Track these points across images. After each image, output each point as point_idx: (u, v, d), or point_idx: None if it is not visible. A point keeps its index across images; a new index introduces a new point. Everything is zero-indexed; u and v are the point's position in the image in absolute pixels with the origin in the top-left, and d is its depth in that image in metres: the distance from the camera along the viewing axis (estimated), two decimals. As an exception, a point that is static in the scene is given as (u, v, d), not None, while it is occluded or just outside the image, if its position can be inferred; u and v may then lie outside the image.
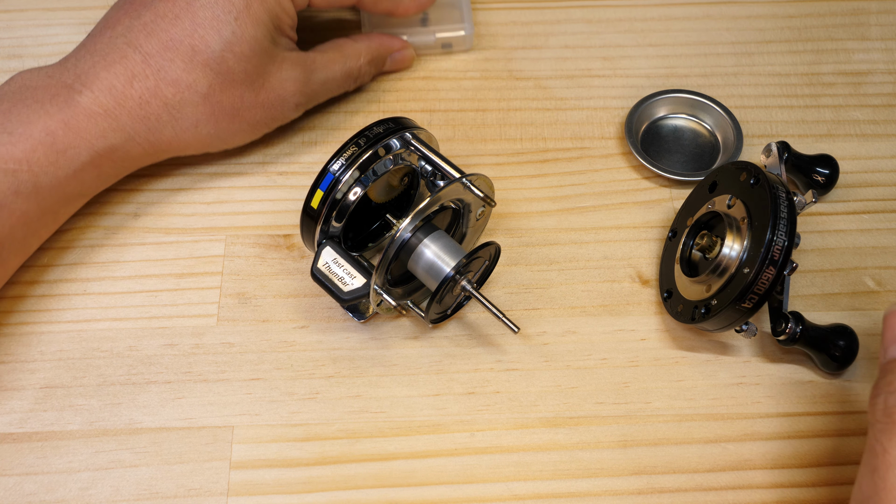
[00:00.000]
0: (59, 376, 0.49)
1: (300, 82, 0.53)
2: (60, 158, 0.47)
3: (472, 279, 0.48)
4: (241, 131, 0.53)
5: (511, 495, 0.46)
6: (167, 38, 0.48)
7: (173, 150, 0.52)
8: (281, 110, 0.53)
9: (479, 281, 0.49)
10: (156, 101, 0.49)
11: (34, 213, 0.47)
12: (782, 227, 0.45)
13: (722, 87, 0.60)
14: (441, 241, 0.47)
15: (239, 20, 0.49)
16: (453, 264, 0.46)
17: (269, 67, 0.51)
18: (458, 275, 0.46)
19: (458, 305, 0.49)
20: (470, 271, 0.48)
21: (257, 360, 0.49)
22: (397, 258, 0.47)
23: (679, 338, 0.51)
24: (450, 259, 0.46)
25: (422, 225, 0.47)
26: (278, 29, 0.51)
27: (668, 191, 0.55)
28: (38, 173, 0.46)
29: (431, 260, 0.47)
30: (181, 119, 0.50)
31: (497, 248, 0.48)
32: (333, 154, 0.47)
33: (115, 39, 0.49)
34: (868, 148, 0.57)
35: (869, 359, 0.50)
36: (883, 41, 0.62)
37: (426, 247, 0.47)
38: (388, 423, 0.48)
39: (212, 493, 0.46)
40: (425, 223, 0.47)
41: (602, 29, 0.62)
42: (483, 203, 0.48)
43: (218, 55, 0.49)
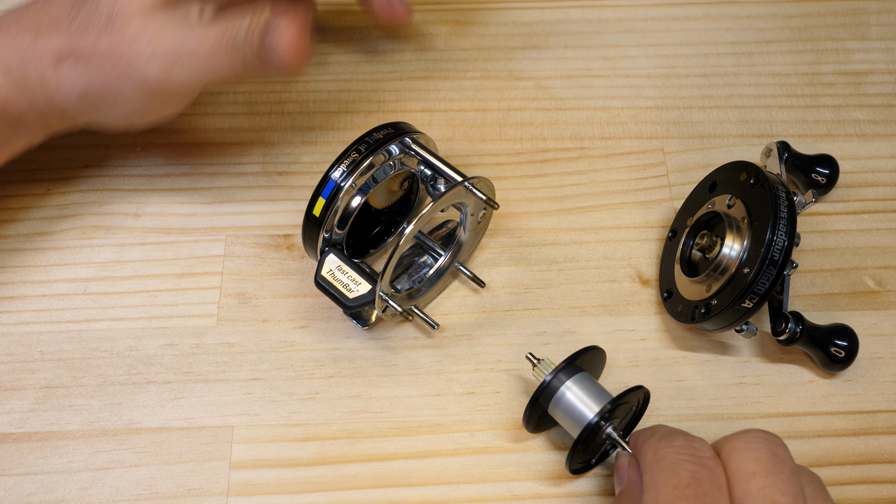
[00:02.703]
0: (59, 376, 0.49)
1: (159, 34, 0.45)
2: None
3: (618, 426, 0.44)
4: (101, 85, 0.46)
5: (511, 495, 0.46)
6: None
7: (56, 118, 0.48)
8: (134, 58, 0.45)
9: (625, 428, 0.46)
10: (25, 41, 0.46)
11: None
12: (782, 227, 0.45)
13: (722, 87, 0.60)
14: (585, 384, 0.44)
15: None
16: (597, 409, 0.43)
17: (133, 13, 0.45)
18: (603, 421, 0.43)
19: (604, 454, 0.46)
20: (616, 417, 0.44)
21: (257, 360, 0.49)
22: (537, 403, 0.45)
23: (679, 338, 0.51)
24: (594, 404, 0.44)
25: (564, 367, 0.44)
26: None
27: (668, 191, 0.55)
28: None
29: (573, 404, 0.44)
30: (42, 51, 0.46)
31: (646, 393, 0.45)
32: (334, 161, 0.47)
33: None
34: (868, 148, 0.57)
35: (869, 359, 0.50)
36: (883, 41, 0.62)
37: (568, 389, 0.44)
38: (388, 423, 0.48)
39: (212, 493, 0.46)
40: (568, 364, 0.44)
41: (602, 29, 0.62)
42: (485, 206, 0.48)
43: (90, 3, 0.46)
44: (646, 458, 0.40)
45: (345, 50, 0.61)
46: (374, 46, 0.61)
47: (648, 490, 0.39)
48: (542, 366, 0.45)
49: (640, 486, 0.40)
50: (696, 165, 0.56)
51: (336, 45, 0.61)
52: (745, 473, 0.38)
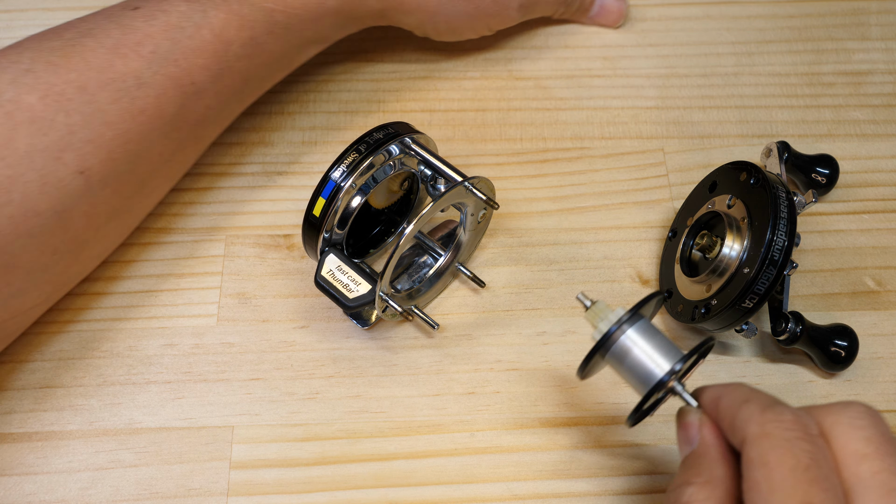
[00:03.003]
0: (59, 376, 0.49)
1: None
2: (311, 1, 0.50)
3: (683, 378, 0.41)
4: (466, 14, 0.54)
5: (511, 495, 0.46)
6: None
7: (404, 11, 0.53)
8: (506, 7, 0.55)
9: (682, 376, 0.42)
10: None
11: (278, 53, 0.50)
12: (782, 227, 0.45)
13: (722, 87, 0.60)
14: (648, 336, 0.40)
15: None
16: (667, 368, 0.39)
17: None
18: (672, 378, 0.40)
19: (658, 402, 0.42)
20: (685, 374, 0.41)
21: (257, 360, 0.49)
22: None
23: (679, 338, 0.51)
24: (662, 360, 0.40)
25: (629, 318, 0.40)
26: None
27: (668, 191, 0.55)
28: (291, 14, 0.49)
29: (639, 360, 0.40)
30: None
31: (711, 345, 0.42)
32: (334, 161, 0.47)
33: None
34: (868, 148, 0.57)
35: (869, 359, 0.50)
36: (883, 41, 0.62)
37: (632, 342, 0.40)
38: (388, 423, 0.48)
39: (212, 493, 0.46)
40: (633, 314, 0.40)
41: (602, 29, 0.62)
42: (485, 206, 0.48)
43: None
44: (749, 431, 0.36)
45: (345, 50, 0.61)
46: (374, 46, 0.61)
47: (759, 467, 0.35)
48: (597, 309, 0.41)
49: (720, 450, 0.37)
50: (696, 165, 0.56)
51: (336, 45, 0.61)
52: (855, 455, 0.35)
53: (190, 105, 0.47)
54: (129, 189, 0.47)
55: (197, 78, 0.47)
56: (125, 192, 0.47)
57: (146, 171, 0.47)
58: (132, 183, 0.47)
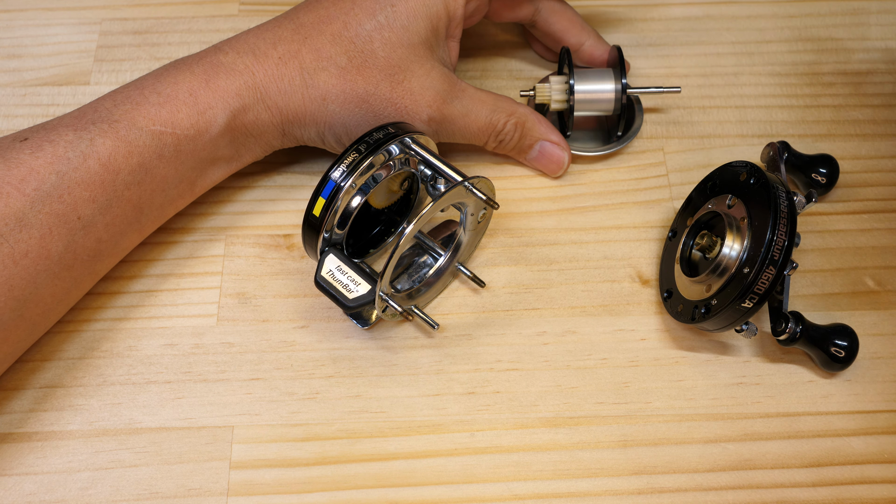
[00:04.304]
0: (59, 376, 0.49)
1: (440, 98, 0.50)
2: (200, 120, 0.47)
3: None
4: (367, 124, 0.50)
5: (511, 495, 0.46)
6: (325, 13, 0.50)
7: (299, 125, 0.50)
8: (411, 118, 0.50)
9: None
10: (294, 62, 0.49)
11: (172, 178, 0.48)
12: (782, 227, 0.45)
13: (722, 87, 0.60)
14: None
15: (396, 7, 0.49)
16: None
17: (414, 66, 0.50)
18: None
19: None
20: None
21: (257, 360, 0.49)
22: None
23: (679, 338, 0.51)
24: None
25: None
26: (435, 32, 0.50)
27: (667, 191, 0.55)
28: (181, 136, 0.47)
29: None
30: (313, 87, 0.49)
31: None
32: (334, 161, 0.47)
33: (278, 17, 0.51)
34: (868, 148, 0.57)
35: (869, 359, 0.50)
36: (883, 41, 0.62)
37: None
38: (388, 423, 0.48)
39: (212, 493, 0.46)
40: None
41: (602, 29, 0.62)
42: (485, 206, 0.48)
43: (366, 34, 0.49)
44: None
45: (345, 50, 0.60)
46: (374, 46, 0.61)
47: None
48: None
49: None
50: (696, 165, 0.56)
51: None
52: None
53: (79, 241, 0.45)
54: (19, 335, 0.45)
55: (84, 212, 0.44)
56: (14, 339, 0.45)
57: (38, 315, 0.45)
58: (23, 328, 0.44)
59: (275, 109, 0.49)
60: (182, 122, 0.47)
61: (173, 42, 0.61)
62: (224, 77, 0.48)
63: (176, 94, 0.47)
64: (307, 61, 0.49)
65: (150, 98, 0.47)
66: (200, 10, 0.62)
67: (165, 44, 0.61)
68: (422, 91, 0.50)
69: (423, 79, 0.50)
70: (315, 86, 0.49)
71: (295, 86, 0.49)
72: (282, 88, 0.49)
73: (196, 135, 0.47)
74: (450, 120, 0.51)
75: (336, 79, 0.49)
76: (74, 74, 0.59)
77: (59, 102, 0.58)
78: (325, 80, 0.49)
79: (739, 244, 0.47)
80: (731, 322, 0.47)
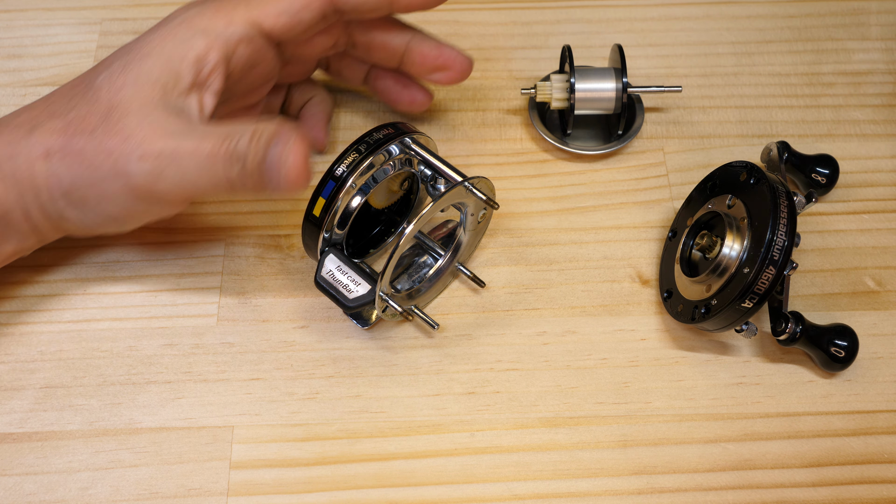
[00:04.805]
0: (59, 376, 0.49)
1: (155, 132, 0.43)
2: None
3: None
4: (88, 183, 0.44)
5: (511, 495, 0.46)
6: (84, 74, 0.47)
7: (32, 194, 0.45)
8: (125, 161, 0.43)
9: None
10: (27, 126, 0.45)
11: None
12: (782, 226, 0.45)
13: (722, 87, 0.60)
14: None
15: (130, 55, 0.45)
16: None
17: (132, 106, 0.44)
18: None
19: None
20: None
21: (257, 360, 0.49)
22: None
23: (679, 338, 0.51)
24: None
25: None
26: (177, 77, 0.44)
27: (668, 191, 0.55)
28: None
29: None
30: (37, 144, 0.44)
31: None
32: (334, 161, 0.47)
33: None
34: (868, 148, 0.57)
35: (869, 359, 0.50)
36: (883, 41, 0.62)
37: None
38: (388, 423, 0.48)
39: (212, 493, 0.46)
40: None
41: (602, 29, 0.62)
42: (485, 206, 0.48)
43: (97, 84, 0.45)
44: None
45: (345, 50, 0.61)
46: (374, 46, 0.61)
47: None
48: None
49: None
50: (696, 165, 0.56)
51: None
52: None
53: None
54: None
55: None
56: None
57: None
58: None
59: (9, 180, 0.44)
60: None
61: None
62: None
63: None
64: (40, 119, 0.45)
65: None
66: (200, 10, 0.62)
67: (165, 44, 0.61)
68: (138, 125, 0.43)
69: (141, 115, 0.44)
70: (38, 142, 0.44)
71: (19, 147, 0.44)
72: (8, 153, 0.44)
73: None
74: (172, 156, 0.43)
75: (59, 134, 0.44)
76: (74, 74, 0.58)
77: (59, 102, 0.58)
78: (47, 136, 0.44)
79: (739, 244, 0.47)
80: (731, 322, 0.47)
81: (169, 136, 0.43)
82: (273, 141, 0.42)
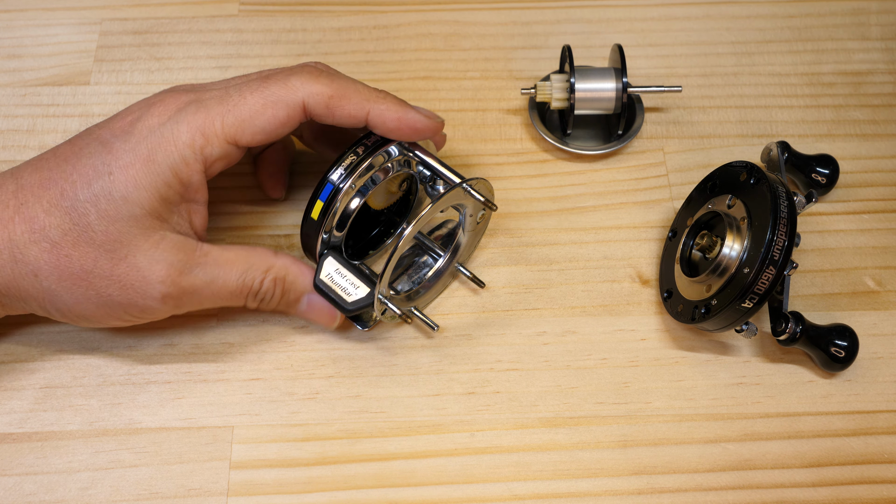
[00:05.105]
0: (59, 376, 0.49)
1: (174, 270, 0.44)
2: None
3: None
4: (93, 304, 0.44)
5: (511, 495, 0.46)
6: (47, 175, 0.44)
7: (16, 298, 0.45)
8: (142, 296, 0.44)
9: None
10: (3, 233, 0.43)
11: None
12: (782, 227, 0.45)
13: (722, 87, 0.60)
14: None
15: (113, 176, 0.43)
16: None
17: (138, 240, 0.44)
18: None
19: None
20: None
21: (257, 360, 0.49)
22: None
23: (679, 338, 0.51)
24: None
25: None
26: (164, 201, 0.44)
27: (668, 191, 0.55)
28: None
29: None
30: (22, 263, 0.43)
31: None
32: (332, 163, 0.46)
33: (14, 168, 0.46)
34: (868, 148, 0.57)
35: (869, 359, 0.50)
36: (883, 41, 0.62)
37: None
38: (388, 423, 0.48)
39: (212, 493, 0.46)
40: None
41: (602, 29, 0.62)
42: (483, 207, 0.48)
43: (81, 206, 0.43)
44: None
45: (345, 50, 0.61)
46: (373, 46, 0.61)
47: None
48: None
49: None
50: (696, 165, 0.56)
51: (336, 45, 0.61)
52: None
53: None
54: None
55: None
56: None
57: None
58: None
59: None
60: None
61: (173, 42, 0.61)
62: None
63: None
64: (18, 233, 0.43)
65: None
66: (200, 10, 0.62)
67: (165, 44, 0.61)
68: (150, 266, 0.44)
69: (151, 252, 0.44)
70: (24, 261, 0.43)
71: (3, 259, 0.43)
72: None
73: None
74: (192, 292, 0.45)
75: (48, 254, 0.43)
76: (74, 74, 0.59)
77: (59, 102, 0.58)
78: (35, 256, 0.43)
79: (739, 244, 0.47)
80: (731, 322, 0.47)
81: (184, 275, 0.45)
82: (304, 297, 0.48)
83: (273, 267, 0.47)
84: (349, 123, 0.46)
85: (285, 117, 0.45)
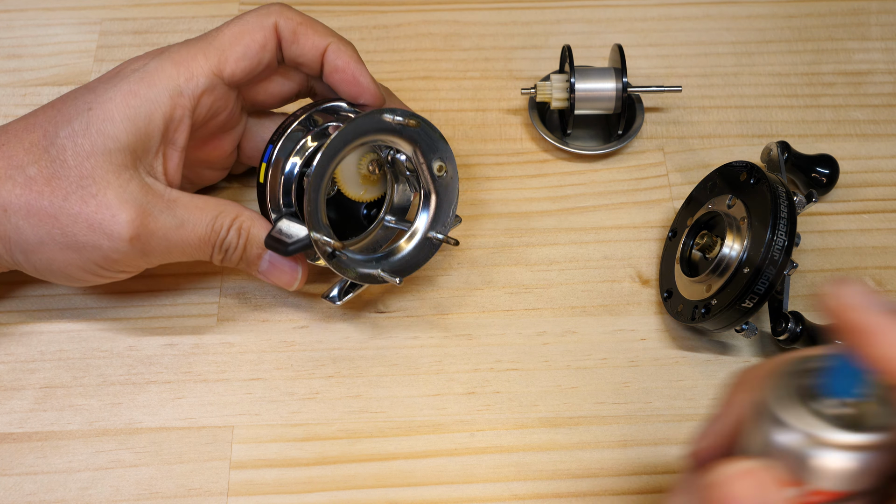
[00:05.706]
0: (59, 376, 0.49)
1: (143, 210, 0.44)
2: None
3: None
4: (57, 246, 0.44)
5: (511, 495, 0.46)
6: (33, 121, 0.45)
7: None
8: (108, 237, 0.44)
9: None
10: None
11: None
12: (782, 226, 0.45)
13: (722, 87, 0.60)
14: None
15: (92, 111, 0.44)
16: None
17: (110, 176, 0.43)
18: None
19: None
20: None
21: (257, 360, 0.49)
22: None
23: (679, 338, 0.51)
24: None
25: None
26: (144, 137, 0.44)
27: (668, 191, 0.55)
28: None
29: None
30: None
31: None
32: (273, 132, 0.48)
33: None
34: (868, 148, 0.57)
35: (869, 359, 0.50)
36: (883, 41, 0.62)
37: None
38: (388, 423, 0.48)
39: (212, 493, 0.46)
40: None
41: (602, 29, 0.62)
42: (431, 153, 0.48)
43: (60, 143, 0.44)
44: None
45: (345, 50, 0.60)
46: (373, 46, 0.61)
47: None
48: None
49: None
50: (696, 165, 0.56)
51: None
52: None
53: None
54: None
55: None
56: None
57: None
58: None
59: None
60: None
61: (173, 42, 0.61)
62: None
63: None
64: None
65: None
66: (200, 10, 0.62)
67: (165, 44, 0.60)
68: (119, 204, 0.43)
69: (120, 190, 0.44)
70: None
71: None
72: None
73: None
74: (161, 236, 0.45)
75: (21, 188, 0.43)
76: (74, 74, 0.59)
77: (59, 102, 0.58)
78: (8, 190, 0.43)
79: (739, 244, 0.47)
80: (731, 322, 0.47)
81: (152, 217, 0.44)
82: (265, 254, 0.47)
83: (240, 216, 0.47)
84: (310, 55, 0.48)
85: (262, 39, 0.47)
